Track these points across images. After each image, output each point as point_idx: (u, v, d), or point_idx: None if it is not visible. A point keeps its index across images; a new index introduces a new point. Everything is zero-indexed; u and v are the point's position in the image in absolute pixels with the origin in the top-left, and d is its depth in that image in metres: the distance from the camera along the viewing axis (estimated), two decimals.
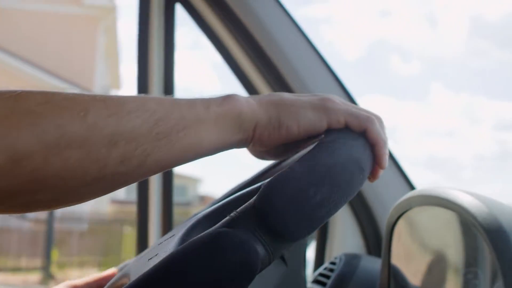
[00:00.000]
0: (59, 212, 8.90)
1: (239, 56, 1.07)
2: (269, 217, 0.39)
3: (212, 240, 0.37)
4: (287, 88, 0.99)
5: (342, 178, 0.42)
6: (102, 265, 8.35)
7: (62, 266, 8.33)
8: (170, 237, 0.52)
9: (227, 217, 0.40)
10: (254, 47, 1.01)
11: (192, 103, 0.45)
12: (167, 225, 1.22)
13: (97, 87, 11.84)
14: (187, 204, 14.20)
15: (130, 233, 9.41)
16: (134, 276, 0.38)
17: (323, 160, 0.42)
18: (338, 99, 0.50)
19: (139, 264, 0.52)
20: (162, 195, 1.23)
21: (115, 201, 13.95)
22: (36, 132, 0.37)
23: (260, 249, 0.38)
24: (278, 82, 1.00)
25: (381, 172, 0.49)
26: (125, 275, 0.54)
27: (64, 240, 9.07)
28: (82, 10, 11.75)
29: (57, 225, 9.08)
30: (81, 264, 8.43)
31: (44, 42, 11.31)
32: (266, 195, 0.40)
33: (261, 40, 1.00)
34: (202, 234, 0.38)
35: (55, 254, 8.36)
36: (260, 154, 0.53)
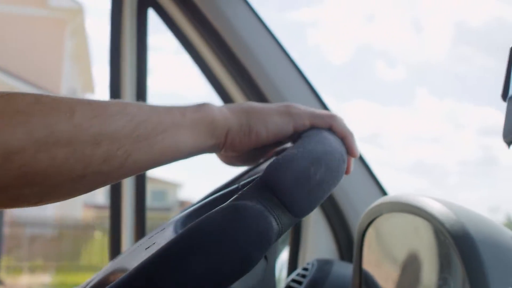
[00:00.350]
0: (16, 216, 8.65)
1: (212, 62, 1.08)
2: (279, 190, 0.40)
3: (230, 212, 0.38)
4: (260, 94, 1.00)
5: (332, 163, 0.45)
6: (56, 271, 8.16)
7: (12, 271, 8.11)
8: (161, 230, 0.52)
9: (236, 195, 0.41)
10: (226, 53, 1.02)
11: (169, 109, 0.48)
12: (140, 230, 1.22)
13: (65, 90, 11.61)
14: (167, 209, 14.10)
15: (98, 238, 9.22)
16: (131, 266, 0.37)
17: (314, 147, 0.45)
18: (301, 106, 0.54)
19: (133, 256, 0.51)
20: (135, 199, 1.23)
21: (89, 206, 13.63)
22: (27, 130, 0.39)
23: (273, 222, 0.39)
24: (251, 88, 1.01)
25: (352, 165, 0.53)
26: (119, 270, 0.52)
27: (19, 245, 8.83)
28: (48, 12, 11.50)
29: (14, 230, 8.84)
30: (33, 270, 8.20)
31: (9, 45, 11.02)
32: (274, 170, 0.41)
33: (234, 45, 1.01)
34: (215, 209, 0.39)
35: (4, 259, 8.15)
36: (230, 160, 0.57)
